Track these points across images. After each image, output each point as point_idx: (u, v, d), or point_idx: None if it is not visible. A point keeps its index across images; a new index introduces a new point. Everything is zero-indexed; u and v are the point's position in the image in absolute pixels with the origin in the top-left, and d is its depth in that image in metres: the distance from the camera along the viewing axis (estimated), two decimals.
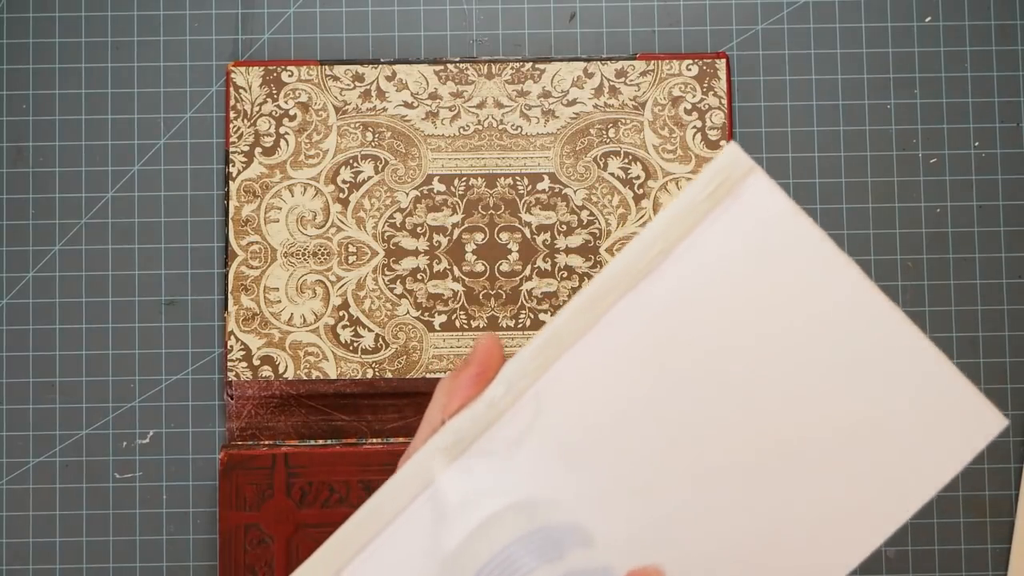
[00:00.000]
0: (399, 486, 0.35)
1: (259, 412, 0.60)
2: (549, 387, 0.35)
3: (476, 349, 0.36)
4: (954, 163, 0.62)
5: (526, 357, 0.35)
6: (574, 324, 0.35)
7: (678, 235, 0.35)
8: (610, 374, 0.35)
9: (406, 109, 0.61)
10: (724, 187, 0.35)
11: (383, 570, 0.35)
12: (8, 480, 0.60)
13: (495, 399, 0.35)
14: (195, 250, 0.61)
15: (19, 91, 0.62)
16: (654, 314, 0.35)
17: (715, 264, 0.35)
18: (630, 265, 0.35)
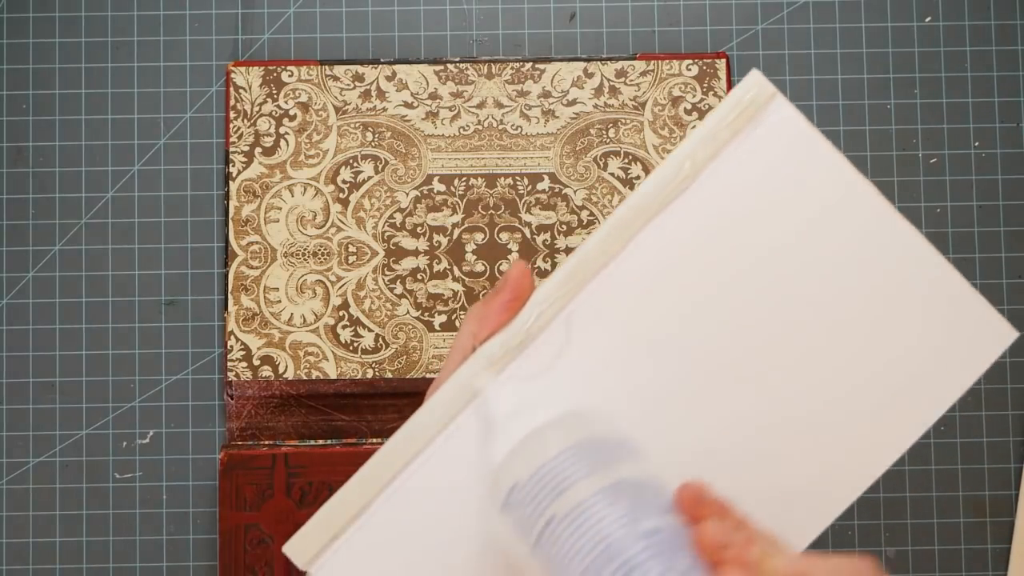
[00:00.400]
0: (443, 402, 0.36)
1: (259, 412, 0.60)
2: (579, 310, 0.36)
3: (508, 276, 0.36)
4: (954, 163, 0.62)
5: (556, 282, 0.36)
6: (603, 248, 0.36)
7: (704, 159, 0.36)
8: (638, 295, 0.36)
9: (406, 109, 0.61)
10: (748, 112, 0.36)
11: (432, 481, 0.35)
12: (8, 480, 0.60)
13: (527, 324, 0.36)
14: (195, 250, 0.61)
15: (19, 91, 0.62)
16: (681, 236, 0.36)
17: (740, 186, 0.36)
18: (658, 189, 0.36)
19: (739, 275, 0.36)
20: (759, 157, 0.36)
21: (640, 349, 0.36)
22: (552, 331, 0.36)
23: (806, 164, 0.36)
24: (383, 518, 0.35)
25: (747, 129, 0.36)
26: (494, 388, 0.35)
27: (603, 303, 0.36)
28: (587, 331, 0.36)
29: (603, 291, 0.36)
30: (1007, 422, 0.61)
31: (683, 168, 0.36)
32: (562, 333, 0.36)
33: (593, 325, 0.36)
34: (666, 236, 0.36)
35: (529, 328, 0.36)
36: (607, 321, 0.36)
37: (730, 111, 0.36)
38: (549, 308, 0.36)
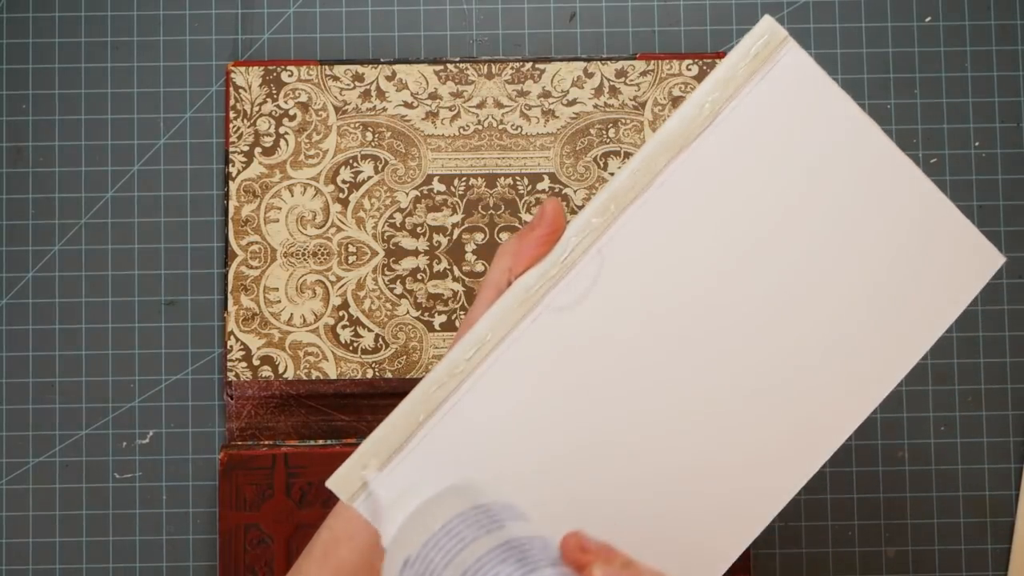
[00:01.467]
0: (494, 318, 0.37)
1: (259, 412, 0.60)
2: (612, 243, 0.38)
3: (544, 212, 0.38)
4: (954, 163, 0.62)
5: (588, 216, 0.38)
6: (632, 182, 0.38)
7: (722, 99, 0.39)
8: (665, 227, 0.38)
9: (406, 109, 0.61)
10: (763, 54, 0.39)
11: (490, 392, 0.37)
12: (8, 480, 0.60)
13: (563, 256, 0.38)
14: (195, 250, 0.61)
15: (19, 91, 0.62)
16: (703, 171, 0.39)
17: (755, 125, 0.39)
18: (681, 127, 0.39)
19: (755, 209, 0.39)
20: (772, 98, 0.39)
21: (664, 281, 0.38)
22: (586, 262, 0.38)
23: (815, 104, 0.39)
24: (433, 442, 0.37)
25: (761, 71, 0.39)
26: (377, 481, 0.36)
27: (632, 236, 0.38)
28: (618, 263, 0.38)
29: (632, 224, 0.38)
30: (1007, 422, 0.61)
31: (703, 108, 0.39)
32: (596, 264, 0.38)
33: (624, 257, 0.38)
34: (689, 173, 0.38)
35: (565, 260, 0.38)
36: (635, 253, 0.38)
37: (744, 54, 0.39)
38: (583, 240, 0.38)
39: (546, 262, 0.38)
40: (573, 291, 0.38)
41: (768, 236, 0.39)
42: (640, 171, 0.38)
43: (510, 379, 0.37)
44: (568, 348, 0.38)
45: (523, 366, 0.37)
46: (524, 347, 0.37)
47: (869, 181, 0.39)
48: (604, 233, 0.38)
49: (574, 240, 0.38)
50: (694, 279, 0.39)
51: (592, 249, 0.38)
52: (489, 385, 0.37)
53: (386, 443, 0.36)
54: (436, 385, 0.37)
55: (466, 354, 0.37)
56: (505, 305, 0.38)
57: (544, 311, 0.38)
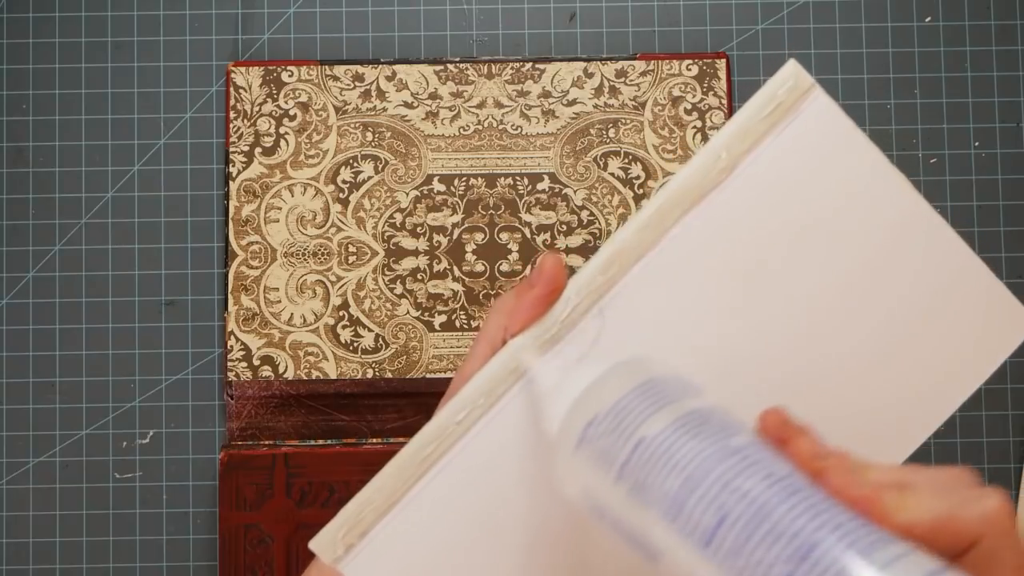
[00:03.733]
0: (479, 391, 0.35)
1: (259, 412, 0.60)
2: (613, 303, 0.35)
3: (542, 270, 0.35)
4: (954, 163, 0.62)
5: (590, 274, 0.35)
6: (638, 239, 0.35)
7: (740, 151, 0.36)
8: (674, 288, 0.36)
9: (406, 109, 0.61)
10: (785, 104, 0.36)
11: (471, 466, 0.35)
12: (8, 480, 0.60)
13: (560, 317, 0.35)
14: (195, 250, 0.61)
15: (19, 91, 0.62)
16: (718, 228, 0.36)
17: (777, 179, 0.36)
18: (694, 180, 0.36)
19: (772, 269, 0.36)
20: (795, 150, 0.36)
21: (672, 343, 0.36)
22: (586, 324, 0.35)
23: (841, 157, 0.36)
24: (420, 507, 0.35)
25: (784, 121, 0.36)
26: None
27: (637, 296, 0.36)
28: (621, 324, 0.35)
29: (637, 284, 0.36)
30: (1007, 422, 0.61)
31: (719, 160, 0.36)
32: (596, 326, 0.35)
33: (627, 318, 0.35)
34: (702, 229, 0.36)
35: (563, 321, 0.35)
36: (641, 314, 0.36)
37: (767, 102, 0.36)
38: (583, 301, 0.35)
39: (543, 323, 0.35)
40: (571, 353, 0.35)
41: (784, 299, 0.36)
42: (648, 227, 0.36)
43: (503, 444, 0.35)
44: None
45: (516, 430, 0.35)
46: (518, 410, 0.35)
47: (896, 240, 0.37)
48: (607, 292, 0.35)
49: (575, 299, 0.35)
50: (702, 342, 0.36)
51: (594, 308, 0.35)
52: (480, 449, 0.35)
53: (371, 508, 0.35)
54: (425, 447, 0.35)
55: (456, 416, 0.35)
56: (498, 366, 0.35)
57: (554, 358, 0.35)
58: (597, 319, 0.35)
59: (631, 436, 0.29)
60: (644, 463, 0.28)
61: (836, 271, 0.36)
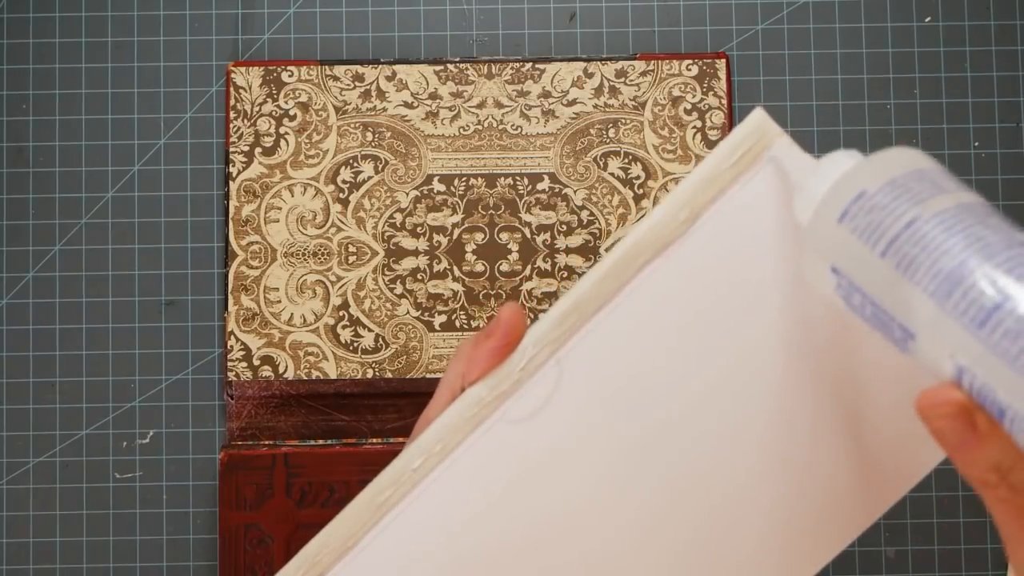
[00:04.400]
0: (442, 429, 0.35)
1: (259, 412, 0.60)
2: (571, 355, 0.35)
3: (499, 320, 0.35)
4: (954, 163, 0.62)
5: (548, 325, 0.35)
6: (598, 291, 0.35)
7: (704, 201, 0.35)
8: (634, 341, 0.35)
9: (406, 109, 0.61)
10: (751, 153, 0.35)
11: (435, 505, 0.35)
12: (8, 480, 0.60)
13: (517, 368, 0.35)
14: (195, 250, 0.61)
15: (19, 91, 0.62)
16: (680, 280, 0.35)
17: (743, 230, 0.35)
18: (656, 231, 0.35)
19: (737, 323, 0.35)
20: (762, 201, 0.35)
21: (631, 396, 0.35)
22: (543, 375, 0.35)
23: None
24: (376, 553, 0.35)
25: (751, 171, 0.35)
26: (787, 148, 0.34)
27: (594, 349, 0.35)
28: (579, 375, 0.35)
29: (595, 336, 0.35)
30: None
31: (681, 212, 0.35)
32: (553, 377, 0.35)
33: (585, 370, 0.35)
34: (661, 281, 0.35)
35: (521, 370, 0.35)
36: (599, 366, 0.35)
37: (732, 152, 0.35)
38: (540, 352, 0.35)
39: (499, 373, 0.35)
40: (529, 403, 0.35)
41: (749, 355, 0.35)
42: (607, 279, 0.35)
43: (459, 493, 0.35)
44: (522, 463, 0.35)
45: (473, 480, 0.35)
46: (475, 460, 0.35)
47: None
48: (564, 343, 0.35)
49: (531, 350, 0.35)
50: (662, 396, 0.35)
51: (551, 360, 0.35)
52: (436, 498, 0.35)
53: (327, 551, 0.34)
54: (381, 492, 0.35)
55: (412, 463, 0.35)
56: (455, 414, 0.35)
57: (497, 423, 0.35)
58: (555, 370, 0.35)
59: (905, 212, 0.28)
60: (919, 239, 0.27)
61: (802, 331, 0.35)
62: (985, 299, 0.26)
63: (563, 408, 0.35)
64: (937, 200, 0.28)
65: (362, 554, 0.35)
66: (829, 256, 0.30)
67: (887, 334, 0.29)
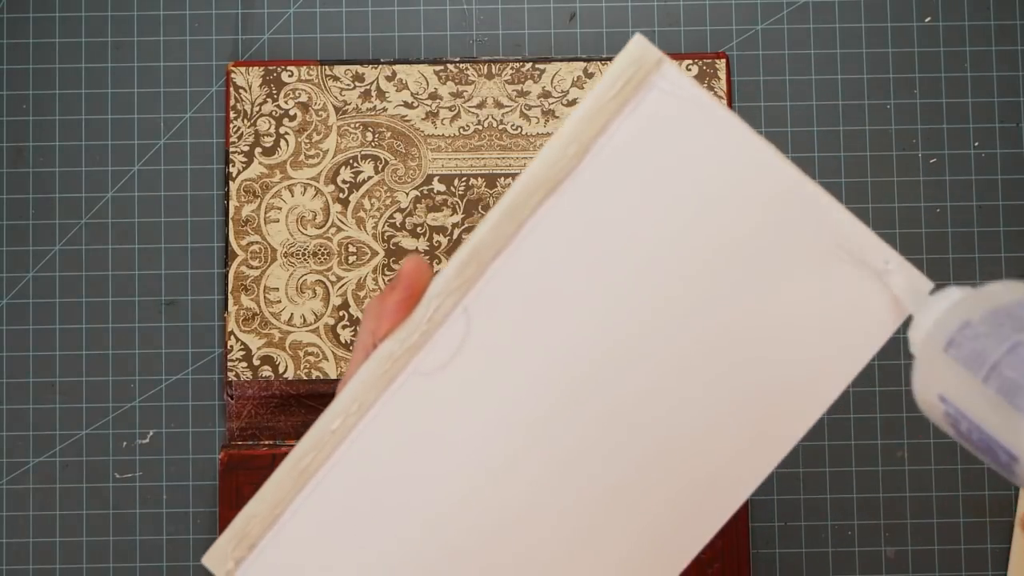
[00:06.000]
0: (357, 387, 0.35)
1: (259, 412, 0.60)
2: (477, 302, 0.35)
3: (401, 273, 0.35)
4: (954, 163, 0.62)
5: (450, 274, 0.35)
6: (495, 234, 0.35)
7: (592, 134, 0.34)
8: (538, 281, 0.35)
9: (406, 109, 0.61)
10: (634, 81, 0.34)
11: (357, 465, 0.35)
12: (8, 480, 0.60)
13: (424, 319, 0.35)
14: (195, 250, 0.61)
15: (19, 91, 0.62)
16: (578, 215, 0.35)
17: (630, 158, 0.35)
18: (547, 168, 0.35)
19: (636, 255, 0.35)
20: (647, 129, 0.34)
21: (540, 337, 0.35)
22: (450, 324, 0.35)
23: (701, 132, 0.35)
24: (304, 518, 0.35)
25: (634, 99, 0.34)
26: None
27: (500, 292, 0.35)
28: (487, 322, 0.35)
29: (499, 280, 0.35)
30: None
31: (569, 147, 0.34)
32: (461, 326, 0.35)
33: (493, 315, 0.35)
34: (558, 218, 0.35)
35: (427, 323, 0.35)
36: (507, 310, 0.35)
37: (614, 81, 0.34)
38: (445, 301, 0.35)
39: (408, 326, 0.35)
40: (439, 354, 0.35)
41: (650, 285, 0.35)
42: (502, 222, 0.35)
43: (378, 450, 0.35)
44: (438, 414, 0.35)
45: (392, 436, 0.35)
46: (391, 415, 0.35)
47: (770, 215, 0.35)
48: (469, 291, 0.35)
49: (435, 301, 0.35)
50: (571, 334, 0.35)
51: (457, 308, 0.35)
52: (356, 458, 0.35)
53: (255, 522, 0.35)
54: (303, 458, 0.35)
55: (331, 425, 0.35)
56: (368, 372, 0.35)
57: (410, 377, 0.35)
58: (462, 318, 0.35)
59: (1007, 338, 0.29)
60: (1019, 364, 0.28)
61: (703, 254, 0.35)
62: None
63: (475, 356, 0.35)
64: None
65: (290, 521, 0.35)
66: (937, 385, 0.31)
67: (994, 460, 0.30)
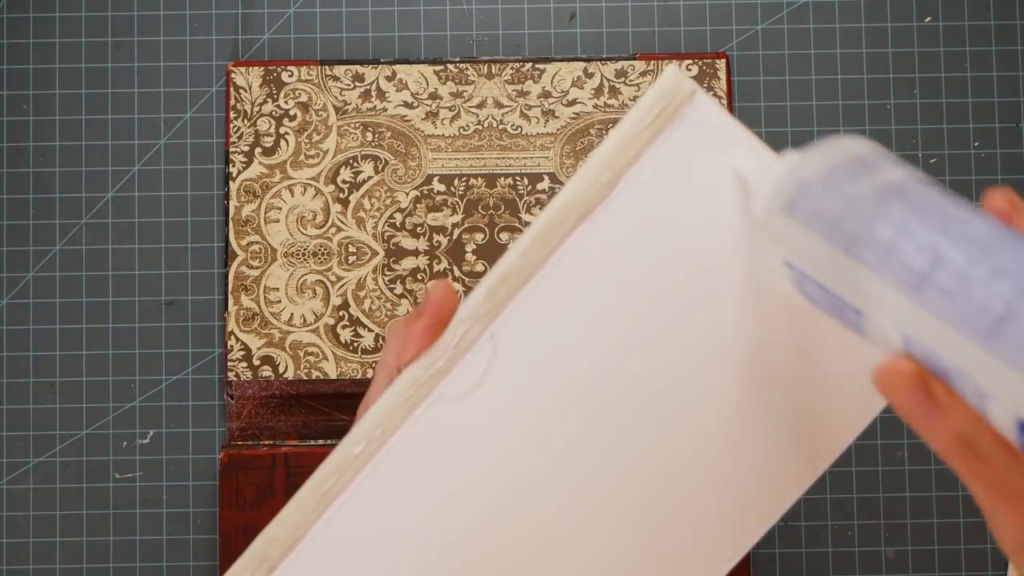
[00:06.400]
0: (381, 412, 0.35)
1: (259, 412, 0.60)
2: (505, 328, 0.35)
3: (428, 299, 0.35)
4: (954, 163, 0.62)
5: (479, 300, 0.35)
6: (526, 261, 0.35)
7: (624, 163, 0.34)
8: (567, 310, 0.35)
9: (406, 109, 0.61)
10: (668, 111, 0.34)
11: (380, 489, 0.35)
12: (8, 480, 0.60)
13: (450, 345, 0.35)
14: (195, 250, 0.61)
15: (19, 91, 0.62)
16: (608, 243, 0.35)
17: (664, 188, 0.35)
18: (578, 196, 0.34)
19: (667, 282, 0.35)
20: (680, 159, 0.34)
21: (563, 367, 0.35)
22: (477, 351, 0.35)
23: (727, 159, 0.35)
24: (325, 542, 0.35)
25: (667, 130, 0.34)
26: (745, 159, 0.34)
27: (527, 320, 0.35)
28: (514, 349, 0.35)
29: (527, 307, 0.35)
30: None
31: (601, 176, 0.35)
32: (488, 352, 0.35)
33: (519, 343, 0.35)
34: (588, 246, 0.35)
35: (453, 349, 0.35)
36: (533, 339, 0.35)
37: (647, 112, 0.34)
38: (473, 327, 0.35)
39: (434, 352, 0.34)
40: (465, 381, 0.34)
41: (679, 313, 0.35)
42: (532, 249, 0.34)
43: (401, 476, 0.35)
44: (463, 441, 0.35)
45: (415, 462, 0.35)
46: (414, 441, 0.35)
47: None
48: (496, 317, 0.34)
49: (463, 328, 0.34)
50: (597, 362, 0.35)
51: (484, 335, 0.34)
52: (379, 483, 0.35)
53: (275, 544, 0.34)
54: (326, 481, 0.34)
55: (354, 449, 0.34)
56: (393, 397, 0.35)
57: (436, 403, 0.35)
58: (489, 345, 0.35)
59: (843, 195, 0.28)
60: (855, 216, 0.28)
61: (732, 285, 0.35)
62: (919, 262, 0.26)
63: (501, 383, 0.35)
64: (875, 178, 0.28)
65: (310, 545, 0.34)
66: (782, 251, 0.30)
67: (843, 319, 0.29)
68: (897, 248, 0.26)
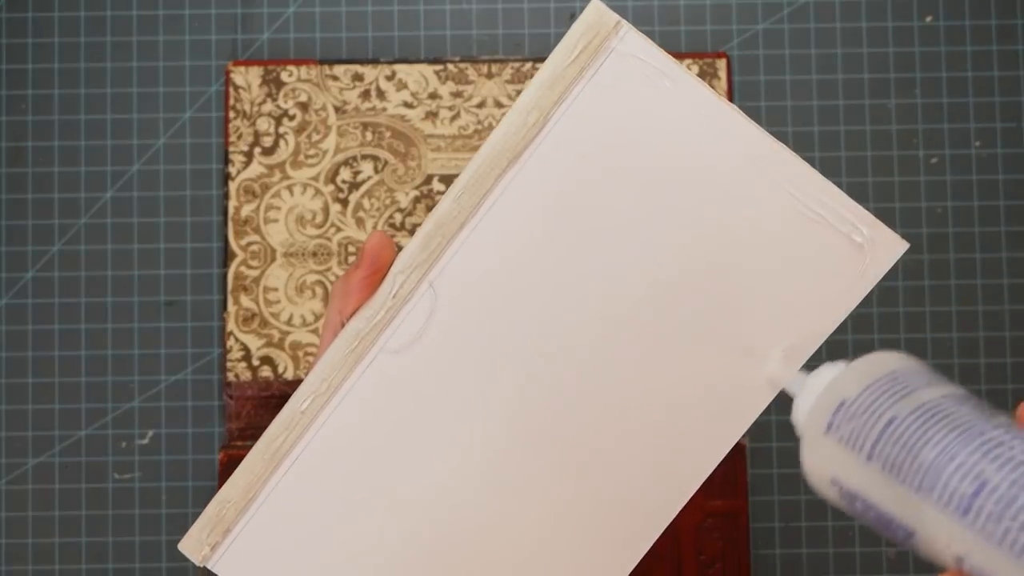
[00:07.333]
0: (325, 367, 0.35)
1: (258, 412, 0.60)
2: (443, 276, 0.35)
3: (364, 250, 0.35)
4: (955, 163, 0.62)
5: (414, 249, 0.35)
6: (459, 206, 0.35)
7: (552, 101, 0.34)
8: (504, 253, 0.35)
9: (406, 109, 0.61)
10: (593, 45, 0.34)
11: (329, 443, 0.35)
12: (7, 480, 0.60)
13: (389, 296, 0.35)
14: (195, 250, 0.61)
15: (19, 91, 0.62)
16: (537, 185, 0.35)
17: (591, 125, 0.34)
18: (508, 138, 0.34)
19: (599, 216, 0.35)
20: (608, 94, 0.34)
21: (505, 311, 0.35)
22: (417, 300, 0.35)
23: (662, 95, 0.34)
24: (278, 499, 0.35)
25: (593, 65, 0.34)
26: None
27: (465, 266, 0.35)
28: (453, 296, 0.35)
29: (464, 254, 0.35)
30: None
31: (529, 116, 0.34)
32: (428, 300, 0.35)
33: (459, 290, 0.35)
34: (521, 188, 0.35)
35: (392, 299, 0.35)
36: (472, 284, 0.35)
37: (572, 48, 0.34)
38: (410, 276, 0.35)
39: (374, 303, 0.35)
40: (407, 331, 0.35)
41: (617, 253, 0.35)
42: (466, 195, 0.34)
43: (349, 430, 0.35)
44: (407, 392, 0.35)
45: (362, 415, 0.35)
46: (360, 394, 0.35)
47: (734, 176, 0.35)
48: (433, 265, 0.35)
49: (400, 277, 0.35)
50: (540, 306, 0.35)
51: (423, 283, 0.35)
52: (327, 437, 0.35)
53: (230, 506, 0.35)
54: (274, 440, 0.35)
55: (300, 406, 0.35)
56: (337, 351, 0.35)
57: (380, 354, 0.35)
58: (428, 293, 0.35)
59: (881, 416, 0.29)
60: (897, 439, 0.28)
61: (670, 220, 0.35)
62: (964, 487, 0.27)
63: (442, 331, 0.35)
64: (911, 398, 0.29)
65: (263, 505, 0.35)
66: (826, 468, 0.31)
67: (894, 535, 0.30)
68: (942, 474, 0.27)
